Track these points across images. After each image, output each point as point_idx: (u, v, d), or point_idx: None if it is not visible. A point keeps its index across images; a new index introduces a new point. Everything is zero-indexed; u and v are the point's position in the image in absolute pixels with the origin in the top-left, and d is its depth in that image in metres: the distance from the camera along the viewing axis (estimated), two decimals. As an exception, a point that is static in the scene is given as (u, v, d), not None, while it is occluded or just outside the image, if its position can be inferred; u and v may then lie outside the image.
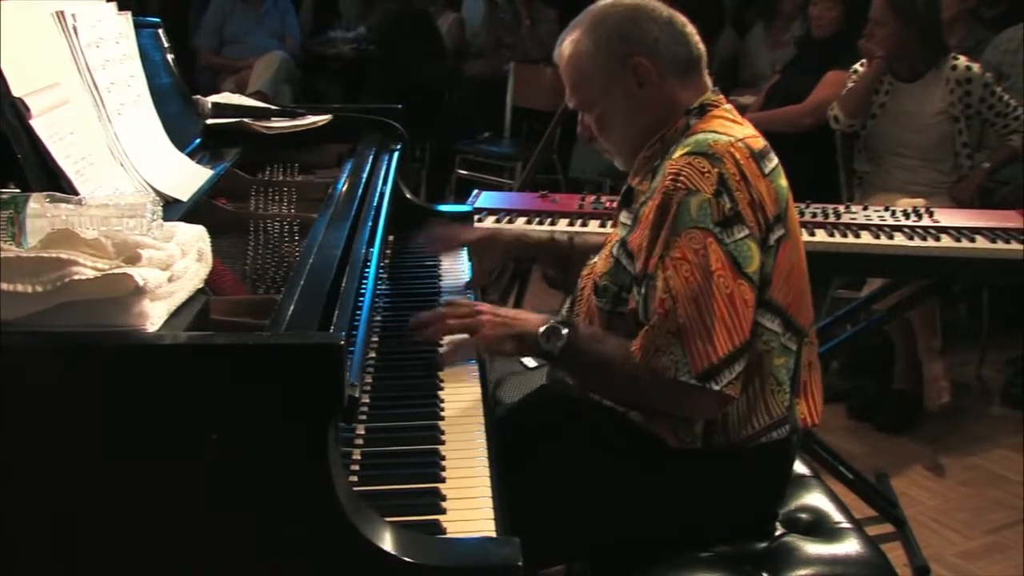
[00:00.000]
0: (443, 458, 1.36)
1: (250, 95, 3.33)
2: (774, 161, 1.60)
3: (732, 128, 1.59)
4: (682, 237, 1.49)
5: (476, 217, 2.53)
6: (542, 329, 1.57)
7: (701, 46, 1.69)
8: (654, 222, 1.53)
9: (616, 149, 1.74)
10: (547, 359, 1.63)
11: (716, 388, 1.46)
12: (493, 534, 1.19)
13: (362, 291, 1.43)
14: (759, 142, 1.59)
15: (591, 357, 1.57)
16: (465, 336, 1.61)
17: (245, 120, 2.10)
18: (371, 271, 1.54)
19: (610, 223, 1.84)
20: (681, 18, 1.69)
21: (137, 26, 1.74)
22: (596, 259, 1.75)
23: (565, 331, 1.57)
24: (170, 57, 2.00)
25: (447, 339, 1.67)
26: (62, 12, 1.45)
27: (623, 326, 1.59)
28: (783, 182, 1.59)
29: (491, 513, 1.23)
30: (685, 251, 1.48)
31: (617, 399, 1.63)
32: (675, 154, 1.56)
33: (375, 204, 1.78)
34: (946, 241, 2.66)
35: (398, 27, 5.62)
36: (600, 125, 1.71)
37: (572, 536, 1.61)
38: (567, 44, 1.71)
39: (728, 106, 1.68)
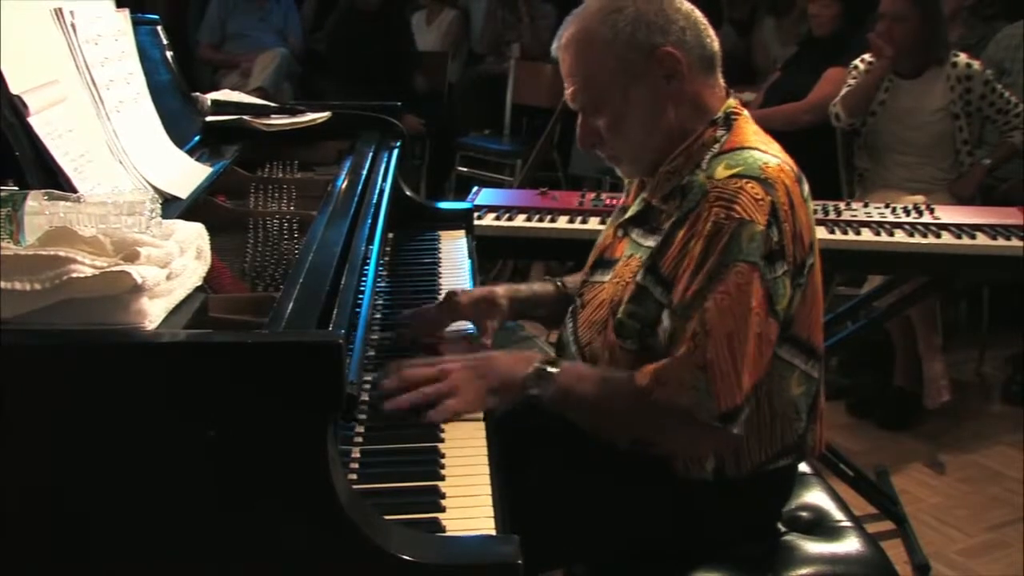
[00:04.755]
0: (443, 456, 1.36)
1: (251, 92, 3.32)
2: (806, 183, 1.51)
3: (768, 144, 1.50)
4: (730, 270, 1.38)
5: (476, 214, 2.53)
6: (529, 372, 1.47)
7: (716, 44, 1.55)
8: (702, 250, 1.41)
9: (631, 155, 1.57)
10: (537, 404, 1.49)
11: (735, 431, 1.41)
12: (493, 532, 1.19)
13: (362, 288, 1.43)
14: (791, 160, 1.50)
15: (587, 396, 1.48)
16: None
17: (244, 117, 2.10)
18: (371, 268, 1.53)
19: (608, 225, 1.77)
20: (698, 12, 1.54)
21: (136, 23, 1.74)
22: (605, 279, 1.63)
23: (554, 370, 1.47)
24: (169, 54, 1.99)
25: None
26: (60, 9, 1.45)
27: (651, 362, 1.46)
28: (811, 204, 1.52)
29: (491, 511, 1.23)
30: (730, 286, 1.38)
31: (614, 438, 1.52)
32: (715, 171, 1.44)
33: (375, 201, 1.77)
34: (946, 238, 2.66)
35: (346, 28, 5.49)
36: (615, 127, 1.52)
37: (572, 539, 1.58)
38: (574, 36, 1.52)
39: (746, 113, 1.57)
